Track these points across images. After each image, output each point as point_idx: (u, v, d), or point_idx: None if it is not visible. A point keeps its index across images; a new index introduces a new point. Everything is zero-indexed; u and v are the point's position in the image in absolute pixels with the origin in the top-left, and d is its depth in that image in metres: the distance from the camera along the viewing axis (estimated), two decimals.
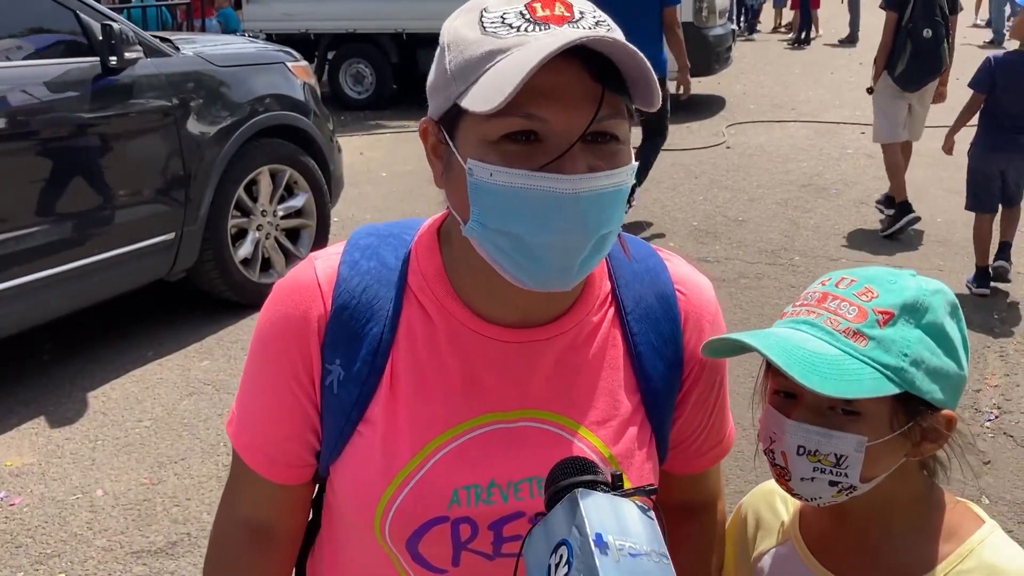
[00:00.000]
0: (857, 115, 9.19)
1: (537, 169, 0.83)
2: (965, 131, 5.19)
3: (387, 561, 0.99)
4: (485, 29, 0.85)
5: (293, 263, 4.51)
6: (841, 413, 0.99)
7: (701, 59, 8.68)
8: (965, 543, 1.04)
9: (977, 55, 6.43)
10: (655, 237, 5.89)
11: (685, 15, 7.66)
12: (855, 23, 15.88)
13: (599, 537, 0.69)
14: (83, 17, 3.87)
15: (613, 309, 1.02)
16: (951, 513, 1.07)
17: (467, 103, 0.84)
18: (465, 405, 0.97)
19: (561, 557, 0.71)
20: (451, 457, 0.95)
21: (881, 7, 5.89)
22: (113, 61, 3.88)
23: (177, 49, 4.40)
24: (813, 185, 7.10)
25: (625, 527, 0.72)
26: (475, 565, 0.97)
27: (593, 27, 0.85)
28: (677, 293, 1.05)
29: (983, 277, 4.93)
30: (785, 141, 8.59)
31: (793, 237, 5.90)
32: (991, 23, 15.64)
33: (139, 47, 4.03)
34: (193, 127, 4.25)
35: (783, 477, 1.04)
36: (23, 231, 3.62)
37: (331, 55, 10.87)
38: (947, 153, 5.35)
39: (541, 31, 0.84)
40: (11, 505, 3.13)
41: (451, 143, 0.89)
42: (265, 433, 1.03)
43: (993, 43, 14.28)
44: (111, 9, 4.80)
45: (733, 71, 11.36)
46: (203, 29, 11.35)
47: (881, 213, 6.19)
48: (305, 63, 5.25)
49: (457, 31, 0.88)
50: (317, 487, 1.11)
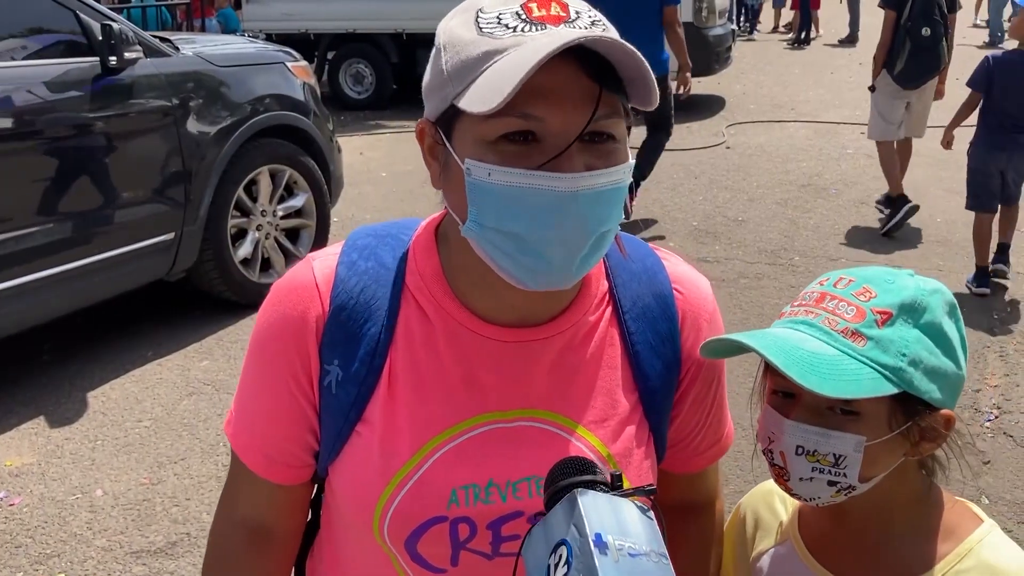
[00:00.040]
0: (857, 115, 9.18)
1: (535, 168, 0.83)
2: (966, 131, 5.19)
3: (386, 561, 0.99)
4: (481, 29, 0.85)
5: (293, 263, 4.48)
6: (840, 413, 0.99)
7: (701, 59, 8.67)
8: (964, 542, 1.04)
9: (976, 55, 6.42)
10: (655, 237, 5.89)
11: (685, 15, 7.65)
12: (855, 23, 15.88)
13: (598, 537, 0.69)
14: (83, 17, 3.87)
15: (610, 308, 1.02)
16: (950, 513, 1.07)
17: (465, 104, 0.83)
18: (463, 405, 0.97)
19: (560, 557, 0.71)
20: (449, 457, 0.95)
21: (880, 5, 5.89)
22: (113, 61, 3.88)
23: (177, 49, 4.40)
24: (813, 185, 7.10)
25: (624, 527, 0.72)
26: (474, 565, 0.97)
27: (589, 27, 0.85)
28: (675, 292, 1.05)
29: (983, 277, 4.93)
30: (785, 141, 8.58)
31: (793, 237, 5.89)
32: (990, 24, 15.63)
33: (139, 47, 4.03)
34: (193, 127, 4.25)
35: (782, 477, 1.04)
36: (23, 231, 3.62)
37: (331, 55, 10.87)
38: (946, 148, 5.36)
39: (537, 31, 0.84)
40: (11, 505, 3.13)
41: (448, 144, 0.89)
42: (263, 433, 1.03)
43: (991, 44, 14.27)
44: (111, 9, 4.80)
45: (733, 71, 11.36)
46: (203, 29, 11.34)
47: (880, 213, 6.19)
48: (305, 63, 5.25)
49: (453, 31, 0.88)
50: (316, 487, 1.11)
